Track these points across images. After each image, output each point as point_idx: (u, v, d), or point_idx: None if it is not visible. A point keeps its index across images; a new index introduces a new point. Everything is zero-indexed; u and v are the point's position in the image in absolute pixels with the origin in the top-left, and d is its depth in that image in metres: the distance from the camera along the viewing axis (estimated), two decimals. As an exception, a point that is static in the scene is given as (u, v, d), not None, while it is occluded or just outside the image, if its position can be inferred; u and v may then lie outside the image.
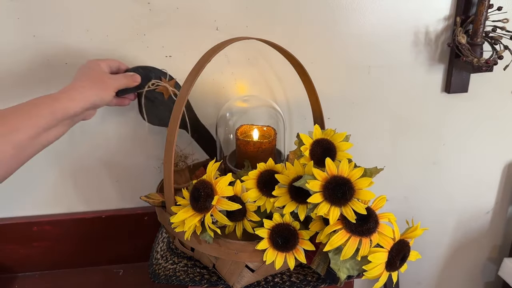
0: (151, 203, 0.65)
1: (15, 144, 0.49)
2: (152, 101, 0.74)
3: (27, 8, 0.71)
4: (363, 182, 0.51)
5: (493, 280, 1.17)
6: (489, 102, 0.92)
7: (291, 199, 0.56)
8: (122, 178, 0.87)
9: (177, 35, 0.76)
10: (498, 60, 0.76)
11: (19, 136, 0.50)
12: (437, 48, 0.85)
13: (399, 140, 0.93)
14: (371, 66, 0.84)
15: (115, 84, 0.64)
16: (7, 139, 0.49)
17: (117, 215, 0.87)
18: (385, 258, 0.50)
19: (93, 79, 0.62)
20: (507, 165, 1.01)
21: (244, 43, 0.65)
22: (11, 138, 0.49)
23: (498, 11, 0.78)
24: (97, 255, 0.89)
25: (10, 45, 0.73)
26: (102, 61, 0.66)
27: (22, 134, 0.50)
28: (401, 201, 1.01)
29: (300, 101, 0.84)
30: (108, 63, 0.67)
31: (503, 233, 1.10)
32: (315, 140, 0.61)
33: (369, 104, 0.88)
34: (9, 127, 0.49)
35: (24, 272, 0.89)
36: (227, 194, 0.55)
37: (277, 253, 0.55)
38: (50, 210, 0.87)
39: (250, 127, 0.74)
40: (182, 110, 0.55)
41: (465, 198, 1.03)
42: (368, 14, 0.80)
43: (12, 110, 0.52)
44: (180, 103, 0.55)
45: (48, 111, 0.53)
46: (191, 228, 0.55)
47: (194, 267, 0.64)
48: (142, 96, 0.73)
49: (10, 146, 0.49)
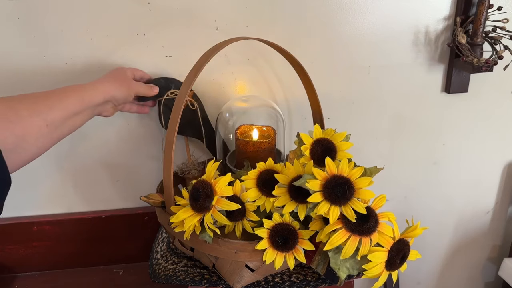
0: (151, 203, 0.65)
1: (49, 122, 0.54)
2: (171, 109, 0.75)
3: (27, 8, 0.71)
4: (363, 182, 0.51)
5: (493, 280, 1.17)
6: (489, 102, 0.92)
7: (291, 199, 0.55)
8: (122, 178, 0.87)
9: (177, 35, 0.76)
10: (498, 60, 0.76)
11: (53, 115, 0.55)
12: (437, 48, 0.85)
13: (399, 140, 0.93)
14: (371, 66, 0.85)
15: (135, 87, 0.70)
16: (43, 117, 0.53)
17: (117, 215, 0.87)
18: (385, 258, 0.50)
19: (116, 77, 0.68)
20: (507, 165, 1.01)
21: (244, 43, 0.65)
22: (46, 117, 0.54)
23: (498, 11, 0.78)
24: (97, 255, 0.89)
25: (10, 45, 0.73)
26: (128, 68, 0.73)
27: (55, 113, 0.55)
28: (401, 201, 1.01)
29: (300, 101, 0.84)
30: (133, 71, 0.73)
31: (503, 233, 1.10)
32: (315, 140, 0.61)
33: (369, 104, 0.88)
34: (44, 106, 0.54)
35: (24, 272, 0.89)
36: (227, 194, 0.55)
37: (277, 253, 0.55)
38: (50, 210, 0.87)
39: (249, 127, 0.74)
40: (181, 110, 0.56)
41: (465, 198, 1.03)
42: (368, 14, 0.80)
43: (45, 93, 0.57)
44: (179, 103, 0.56)
45: (76, 96, 0.59)
46: (191, 228, 0.55)
47: (194, 267, 0.64)
48: (161, 104, 0.76)
49: (44, 123, 0.53)
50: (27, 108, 0.52)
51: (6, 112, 0.50)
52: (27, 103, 0.53)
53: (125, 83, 0.68)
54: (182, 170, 0.77)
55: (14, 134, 0.49)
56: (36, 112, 0.53)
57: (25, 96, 0.55)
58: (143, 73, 0.76)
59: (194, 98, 0.77)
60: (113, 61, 0.76)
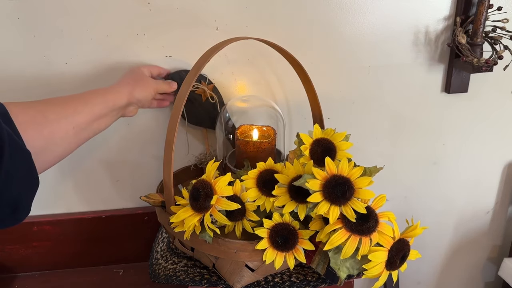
0: (151, 203, 0.65)
1: (76, 125, 0.56)
2: (192, 102, 0.78)
3: (27, 8, 0.71)
4: (363, 181, 0.51)
5: (493, 280, 1.17)
6: (489, 102, 0.92)
7: (291, 199, 0.56)
8: (122, 178, 0.87)
9: (177, 35, 0.76)
10: (498, 60, 0.76)
11: (79, 118, 0.57)
12: (437, 48, 0.85)
13: (399, 140, 0.93)
14: (371, 66, 0.85)
15: (155, 85, 0.71)
16: (70, 120, 0.55)
17: (117, 215, 0.87)
18: (385, 257, 0.50)
19: (136, 78, 0.70)
20: (507, 165, 1.01)
21: (244, 43, 0.65)
22: (73, 120, 0.56)
23: (498, 11, 0.78)
24: (97, 255, 0.89)
25: (10, 45, 0.73)
26: (144, 67, 0.73)
27: (81, 117, 0.57)
28: (400, 201, 1.01)
29: (300, 101, 0.84)
30: (149, 69, 0.74)
31: (503, 233, 1.10)
32: (315, 140, 0.61)
33: (369, 104, 0.88)
34: (70, 110, 0.56)
35: (24, 272, 0.89)
36: (227, 193, 0.55)
37: (277, 252, 0.55)
38: (50, 210, 0.87)
39: (249, 127, 0.74)
40: (182, 109, 0.56)
41: (465, 198, 1.03)
42: (368, 14, 0.80)
43: (71, 97, 0.59)
44: (180, 103, 0.56)
45: (101, 100, 0.61)
46: (191, 228, 0.55)
47: (194, 267, 0.64)
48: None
49: (71, 126, 0.55)
50: (55, 111, 0.54)
51: (35, 116, 0.52)
52: (54, 107, 0.55)
53: (146, 84, 0.70)
54: (201, 161, 0.80)
55: (42, 137, 0.51)
56: (63, 116, 0.55)
57: (52, 100, 0.57)
58: (160, 68, 0.76)
59: (214, 91, 0.79)
60: (113, 61, 0.77)
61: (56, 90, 0.77)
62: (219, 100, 0.79)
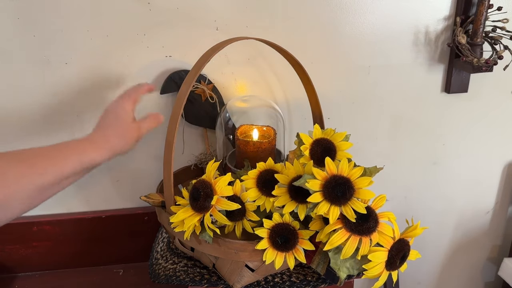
0: (151, 203, 0.65)
1: (39, 186, 0.50)
2: (192, 102, 0.78)
3: (27, 8, 0.71)
4: (363, 181, 0.51)
5: (493, 280, 1.17)
6: (489, 102, 0.92)
7: (291, 199, 0.56)
8: (122, 178, 0.87)
9: (177, 35, 0.76)
10: (498, 60, 0.76)
11: (44, 179, 0.50)
12: (437, 48, 0.85)
13: (398, 140, 0.93)
14: (371, 66, 0.84)
15: (138, 132, 0.62)
16: (33, 181, 0.49)
17: (117, 215, 0.87)
18: (385, 257, 0.50)
19: (118, 130, 0.60)
20: (507, 165, 1.01)
21: (244, 43, 0.65)
22: (36, 181, 0.50)
23: (498, 11, 0.78)
24: (97, 255, 0.89)
25: (10, 45, 0.73)
26: (128, 103, 0.63)
27: (47, 178, 0.51)
28: (400, 201, 1.01)
29: (300, 101, 0.84)
30: (134, 100, 0.64)
31: (503, 233, 1.10)
32: (315, 140, 0.61)
33: (369, 104, 0.88)
34: (36, 169, 0.50)
35: (24, 272, 0.89)
36: (227, 193, 0.55)
37: (277, 252, 0.55)
38: (50, 210, 0.87)
39: (250, 127, 0.74)
40: (182, 110, 0.56)
41: (465, 198, 1.03)
42: (368, 14, 0.80)
43: (40, 152, 0.52)
44: (180, 103, 0.56)
45: (76, 159, 0.54)
46: (191, 228, 0.55)
47: (194, 267, 0.64)
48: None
49: (33, 186, 0.49)
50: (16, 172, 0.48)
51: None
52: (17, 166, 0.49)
53: (129, 134, 0.60)
54: (201, 161, 0.80)
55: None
56: (25, 176, 0.49)
57: (18, 155, 0.51)
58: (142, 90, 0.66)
59: (213, 91, 0.79)
60: (113, 61, 0.76)
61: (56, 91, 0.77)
62: (219, 100, 0.79)
